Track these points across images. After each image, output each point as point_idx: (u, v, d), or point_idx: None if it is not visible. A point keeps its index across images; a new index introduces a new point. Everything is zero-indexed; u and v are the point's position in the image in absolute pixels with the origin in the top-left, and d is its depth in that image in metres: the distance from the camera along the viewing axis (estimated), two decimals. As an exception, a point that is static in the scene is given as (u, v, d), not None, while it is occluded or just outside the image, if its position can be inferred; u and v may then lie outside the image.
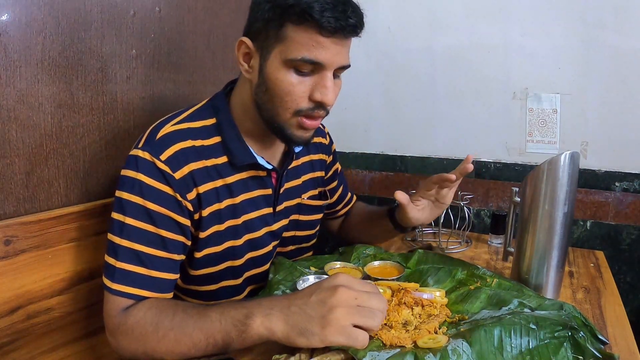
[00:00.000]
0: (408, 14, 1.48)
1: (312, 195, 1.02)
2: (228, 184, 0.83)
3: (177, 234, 0.76)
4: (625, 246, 1.33)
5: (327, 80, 0.75)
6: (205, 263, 0.83)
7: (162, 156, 0.74)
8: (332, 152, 1.11)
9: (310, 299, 0.61)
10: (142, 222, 0.73)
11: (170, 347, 0.66)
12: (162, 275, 0.74)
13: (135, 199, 0.73)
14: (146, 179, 0.73)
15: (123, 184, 0.74)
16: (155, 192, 0.74)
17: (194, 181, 0.78)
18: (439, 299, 0.75)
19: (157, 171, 0.74)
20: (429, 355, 0.58)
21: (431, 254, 0.95)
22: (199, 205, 0.79)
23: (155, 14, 1.05)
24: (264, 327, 0.61)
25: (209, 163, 0.80)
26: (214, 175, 0.81)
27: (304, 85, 0.75)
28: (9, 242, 0.78)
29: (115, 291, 0.71)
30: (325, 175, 1.08)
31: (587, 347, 0.62)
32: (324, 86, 0.75)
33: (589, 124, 1.34)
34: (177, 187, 0.75)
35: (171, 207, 0.75)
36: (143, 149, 0.75)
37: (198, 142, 0.80)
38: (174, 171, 0.75)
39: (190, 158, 0.78)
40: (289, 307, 0.61)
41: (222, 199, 0.82)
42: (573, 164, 0.82)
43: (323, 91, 0.75)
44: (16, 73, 0.79)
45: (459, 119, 1.48)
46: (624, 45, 1.27)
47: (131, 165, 0.74)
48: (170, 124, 0.79)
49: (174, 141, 0.77)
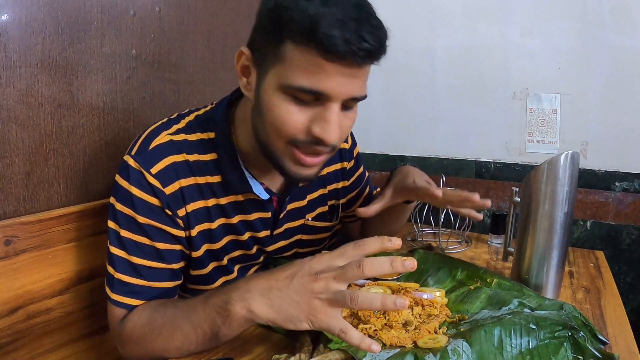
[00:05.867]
0: (408, 14, 1.48)
1: (320, 213, 0.94)
2: (221, 205, 0.78)
3: (173, 244, 0.74)
4: (625, 246, 1.33)
5: (330, 113, 0.63)
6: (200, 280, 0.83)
7: (152, 169, 0.71)
8: (355, 157, 1.01)
9: (292, 282, 0.56)
10: (137, 235, 0.71)
11: (165, 343, 0.66)
12: (162, 285, 0.74)
13: (128, 211, 0.71)
14: (137, 192, 0.71)
15: (116, 192, 0.73)
16: (146, 205, 0.71)
17: (184, 198, 0.74)
18: (439, 299, 0.75)
19: (147, 185, 0.71)
20: (429, 355, 0.58)
21: (431, 254, 0.95)
22: (188, 224, 0.75)
23: (155, 14, 1.05)
24: (245, 310, 0.58)
25: (201, 180, 0.75)
26: (207, 193, 0.76)
27: (303, 115, 0.64)
28: (9, 242, 0.78)
29: (114, 301, 0.71)
30: (347, 182, 1.00)
31: (587, 347, 0.62)
32: (325, 120, 0.63)
33: (589, 124, 1.34)
34: (167, 202, 0.72)
35: (163, 221, 0.72)
36: (135, 159, 0.71)
37: (193, 157, 0.74)
38: (165, 186, 0.71)
39: (181, 174, 0.73)
40: (270, 290, 0.57)
41: (215, 219, 0.78)
42: (573, 164, 0.82)
43: (324, 126, 0.63)
44: (16, 73, 0.79)
45: (459, 119, 1.48)
46: (624, 45, 1.27)
47: (123, 173, 0.72)
48: (166, 132, 0.75)
49: (166, 153, 0.72)
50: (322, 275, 0.55)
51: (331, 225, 0.99)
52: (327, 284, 0.55)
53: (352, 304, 0.53)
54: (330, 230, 1.00)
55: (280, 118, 0.64)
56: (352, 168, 1.01)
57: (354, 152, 1.02)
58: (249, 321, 0.60)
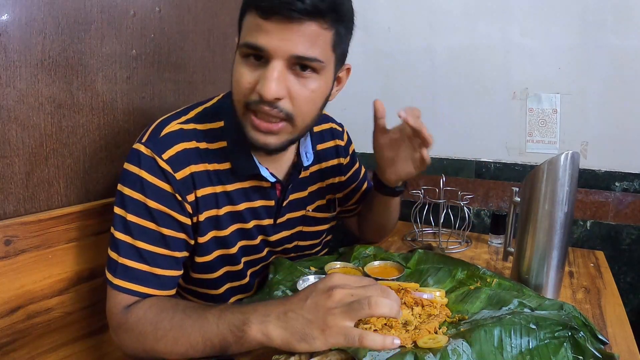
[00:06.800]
0: (408, 14, 1.48)
1: (319, 205, 0.98)
2: (228, 192, 0.81)
3: (178, 231, 0.76)
4: (625, 246, 1.33)
5: (270, 70, 0.67)
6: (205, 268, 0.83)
7: (164, 155, 0.73)
8: (350, 154, 1.06)
9: (306, 303, 0.59)
10: (144, 220, 0.73)
11: (169, 347, 0.66)
12: (164, 273, 0.74)
13: (137, 196, 0.73)
14: (148, 176, 0.73)
15: (125, 178, 0.74)
16: (157, 190, 0.73)
17: (194, 184, 0.77)
18: (439, 299, 0.75)
19: (159, 169, 0.73)
20: (429, 355, 0.58)
21: (431, 254, 0.95)
22: (197, 209, 0.78)
23: (155, 14, 1.05)
24: (261, 333, 0.59)
25: (210, 167, 0.79)
26: (215, 180, 0.79)
27: (251, 75, 0.69)
28: (9, 242, 0.78)
29: (117, 287, 0.71)
30: (344, 177, 1.03)
31: (587, 347, 0.62)
32: (265, 77, 0.67)
33: (589, 124, 1.34)
34: (177, 187, 0.74)
35: (172, 206, 0.74)
36: (146, 145, 0.74)
37: (203, 145, 0.78)
38: (176, 171, 0.74)
39: (192, 160, 0.76)
40: (286, 313, 0.59)
41: (222, 206, 0.81)
42: (573, 164, 0.82)
43: (263, 82, 0.67)
44: (16, 73, 0.79)
45: (459, 119, 1.48)
46: (624, 45, 1.27)
47: (134, 160, 0.74)
48: (176, 121, 0.78)
49: (177, 140, 0.75)
50: (337, 290, 0.58)
51: (329, 216, 1.02)
52: (342, 297, 0.57)
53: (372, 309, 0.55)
54: (328, 222, 1.02)
55: (236, 79, 0.71)
56: (348, 164, 1.05)
57: (349, 150, 1.06)
58: (262, 345, 0.60)
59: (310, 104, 0.73)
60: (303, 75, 0.70)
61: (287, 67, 0.68)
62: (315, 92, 0.72)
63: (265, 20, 0.65)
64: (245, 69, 0.70)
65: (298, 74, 0.70)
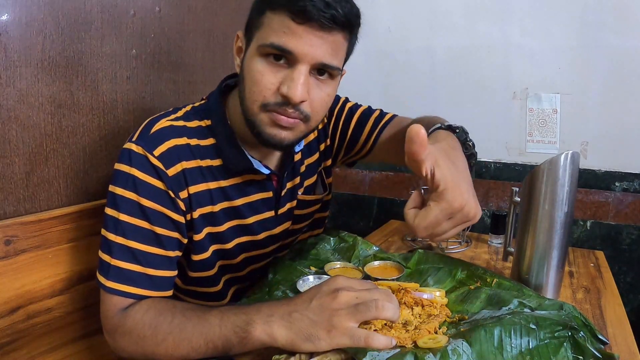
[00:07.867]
0: (408, 14, 1.48)
1: (308, 185, 0.96)
2: (223, 188, 0.81)
3: (171, 230, 0.75)
4: (625, 246, 1.33)
5: (297, 73, 0.68)
6: (202, 266, 0.83)
7: (155, 151, 0.73)
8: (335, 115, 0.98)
9: (311, 304, 0.59)
10: (136, 219, 0.72)
11: (169, 350, 0.65)
12: (158, 273, 0.73)
13: (129, 195, 0.72)
14: (140, 174, 0.72)
15: (116, 179, 0.73)
16: (149, 187, 0.72)
17: (186, 180, 0.76)
18: (439, 299, 0.75)
19: (150, 166, 0.72)
20: (429, 355, 0.58)
21: (431, 254, 0.95)
22: (190, 206, 0.77)
23: (155, 14, 1.05)
24: (265, 333, 0.59)
25: (203, 164, 0.78)
26: (208, 177, 0.79)
27: (274, 76, 0.69)
28: (9, 242, 0.78)
29: (110, 289, 0.70)
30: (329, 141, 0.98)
31: (587, 347, 0.62)
32: (292, 79, 0.68)
33: (589, 124, 1.34)
34: (170, 183, 0.73)
35: (165, 204, 0.73)
36: (137, 143, 0.73)
37: (194, 141, 0.78)
38: (167, 168, 0.73)
39: (184, 156, 0.76)
40: (290, 314, 0.59)
41: (217, 202, 0.80)
42: (573, 164, 0.82)
43: (290, 84, 0.68)
44: (16, 73, 0.79)
45: (459, 119, 1.47)
46: (624, 45, 1.27)
47: (124, 159, 0.73)
48: (165, 119, 0.78)
49: (168, 137, 0.75)
50: (343, 292, 0.58)
51: (320, 197, 1.00)
52: (348, 299, 0.58)
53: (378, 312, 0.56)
54: (317, 203, 1.00)
55: (255, 79, 0.70)
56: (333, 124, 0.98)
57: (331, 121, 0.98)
58: (265, 345, 0.60)
59: (325, 106, 0.76)
60: (321, 80, 0.72)
61: (312, 73, 0.71)
62: (330, 96, 0.75)
63: (297, 24, 0.66)
64: (266, 69, 0.70)
65: (317, 78, 0.72)
